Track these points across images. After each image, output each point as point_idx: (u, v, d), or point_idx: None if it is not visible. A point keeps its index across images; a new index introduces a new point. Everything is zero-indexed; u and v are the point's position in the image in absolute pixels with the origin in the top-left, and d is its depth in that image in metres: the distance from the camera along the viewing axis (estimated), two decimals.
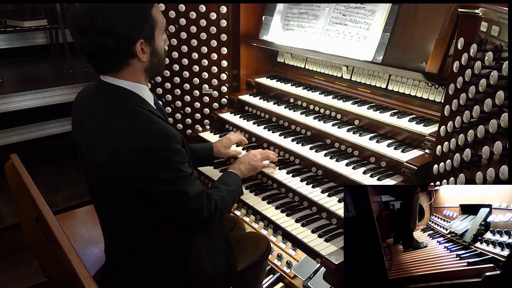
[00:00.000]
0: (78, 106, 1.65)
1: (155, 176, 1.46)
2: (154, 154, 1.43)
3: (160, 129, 1.46)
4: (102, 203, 1.70)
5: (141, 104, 1.52)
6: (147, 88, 1.61)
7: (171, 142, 1.47)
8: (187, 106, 2.86)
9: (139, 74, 1.55)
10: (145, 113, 1.49)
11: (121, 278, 1.74)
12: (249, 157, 2.03)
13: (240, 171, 1.96)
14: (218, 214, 1.68)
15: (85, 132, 1.58)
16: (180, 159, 1.51)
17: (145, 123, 1.47)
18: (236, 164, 2.01)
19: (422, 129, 1.91)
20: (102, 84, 1.55)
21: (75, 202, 3.44)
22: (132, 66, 1.52)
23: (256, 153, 2.06)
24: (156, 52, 1.56)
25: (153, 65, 1.57)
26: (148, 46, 1.51)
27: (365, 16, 2.21)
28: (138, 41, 1.46)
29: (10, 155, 2.03)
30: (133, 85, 1.54)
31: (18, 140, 3.95)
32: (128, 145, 1.43)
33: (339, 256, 1.58)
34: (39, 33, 4.81)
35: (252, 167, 2.01)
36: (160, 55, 1.59)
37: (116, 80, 1.52)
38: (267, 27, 2.72)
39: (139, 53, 1.48)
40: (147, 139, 1.43)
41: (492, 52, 1.29)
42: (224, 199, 1.73)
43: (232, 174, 1.93)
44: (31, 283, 2.50)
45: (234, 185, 1.86)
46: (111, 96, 1.53)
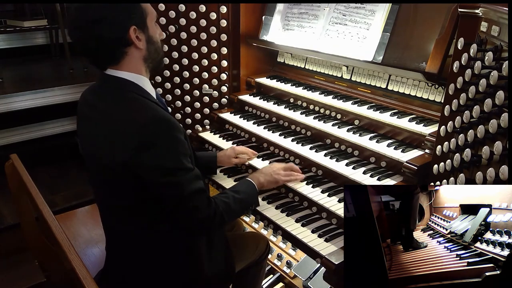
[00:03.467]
0: (83, 101, 1.68)
1: (155, 163, 1.46)
2: (155, 141, 1.44)
3: (161, 116, 1.48)
4: (103, 198, 1.70)
5: (143, 94, 1.55)
6: (148, 80, 1.63)
7: (172, 130, 1.48)
8: (187, 106, 2.86)
9: (139, 63, 1.58)
10: (147, 102, 1.52)
11: (121, 277, 1.74)
12: (272, 169, 1.93)
13: (258, 181, 1.85)
14: (218, 219, 1.61)
15: (89, 124, 1.61)
16: (181, 149, 1.51)
17: (147, 110, 1.49)
18: (256, 173, 1.92)
19: (422, 129, 1.91)
20: (104, 78, 1.58)
21: (75, 202, 3.45)
22: (131, 55, 1.55)
23: (280, 167, 1.96)
24: (152, 39, 1.59)
25: (151, 53, 1.60)
26: (143, 33, 1.55)
27: (365, 16, 2.21)
28: (131, 27, 1.50)
29: (10, 155, 2.03)
30: (134, 76, 1.57)
31: (18, 140, 3.96)
32: (129, 132, 1.45)
33: (339, 256, 1.57)
34: (39, 33, 4.81)
35: (274, 179, 1.90)
36: (156, 43, 1.63)
37: (118, 71, 1.56)
38: (267, 27, 2.72)
39: (134, 40, 1.52)
40: (149, 125, 1.44)
41: (492, 52, 1.28)
42: (228, 206, 1.66)
43: (247, 182, 1.84)
44: (31, 283, 2.51)
45: (245, 194, 1.77)
46: (113, 87, 1.56)
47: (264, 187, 1.89)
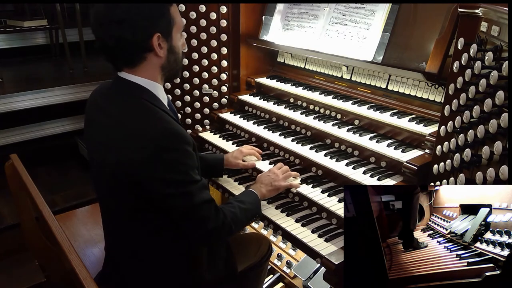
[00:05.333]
0: (92, 103, 1.65)
1: (163, 176, 1.44)
2: (164, 154, 1.42)
3: (171, 128, 1.45)
4: (106, 201, 1.69)
5: (154, 102, 1.52)
6: (162, 88, 1.60)
7: (183, 144, 1.46)
8: (187, 106, 2.86)
9: (156, 71, 1.56)
10: (158, 111, 1.49)
11: (120, 280, 1.74)
12: (271, 178, 1.94)
13: (260, 192, 1.88)
14: (227, 229, 1.62)
15: (97, 128, 1.58)
16: (190, 162, 1.49)
17: (157, 121, 1.46)
18: (257, 184, 1.94)
19: (422, 129, 1.91)
20: (118, 80, 1.56)
21: (75, 202, 3.45)
22: (149, 61, 1.52)
23: (277, 172, 1.97)
24: (174, 50, 1.57)
25: (170, 63, 1.57)
26: (166, 42, 1.52)
27: (365, 16, 2.21)
28: (155, 34, 1.47)
29: (10, 155, 2.03)
30: (148, 83, 1.54)
31: (18, 140, 3.96)
32: (138, 143, 1.42)
33: (339, 256, 1.57)
34: (39, 33, 4.81)
35: (274, 187, 1.93)
36: (177, 54, 1.60)
37: (132, 76, 1.53)
38: (267, 27, 2.72)
39: (156, 47, 1.49)
40: (158, 137, 1.42)
41: (492, 52, 1.29)
42: (235, 216, 1.67)
43: (251, 193, 1.87)
44: (31, 283, 2.50)
45: (250, 204, 1.79)
46: (125, 92, 1.53)
47: (266, 197, 1.93)
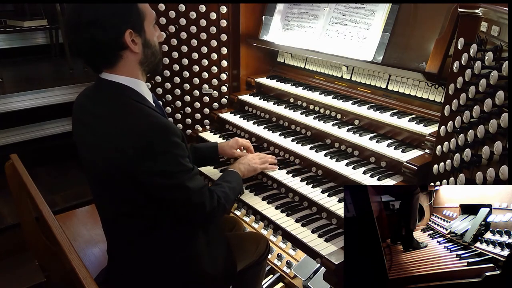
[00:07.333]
0: (78, 105, 1.66)
1: (156, 169, 1.46)
2: (154, 148, 1.44)
3: (158, 122, 1.47)
4: (103, 202, 1.70)
5: (139, 99, 1.53)
6: (145, 84, 1.61)
7: (171, 135, 1.47)
8: (187, 106, 2.86)
9: (135, 67, 1.55)
10: (144, 108, 1.51)
11: (122, 278, 1.74)
12: (248, 159, 2.08)
13: (240, 170, 2.00)
14: (221, 209, 1.71)
15: (85, 130, 1.59)
16: (180, 152, 1.51)
17: (144, 117, 1.47)
18: (236, 164, 2.05)
19: (422, 129, 1.91)
20: (100, 82, 1.56)
21: (75, 202, 3.44)
22: (126, 59, 1.52)
23: (255, 156, 2.13)
24: (148, 43, 1.56)
25: (148, 57, 1.57)
26: (139, 37, 1.52)
27: (365, 16, 2.21)
28: (127, 31, 1.46)
29: (10, 155, 2.03)
30: (130, 81, 1.54)
31: (18, 140, 3.95)
32: (128, 140, 1.43)
33: (339, 256, 1.57)
34: (39, 33, 4.80)
35: (252, 168, 2.05)
36: (153, 47, 1.59)
37: (113, 76, 1.53)
38: (267, 27, 2.72)
39: (130, 44, 1.48)
40: (146, 132, 1.43)
41: (492, 52, 1.29)
42: (227, 195, 1.76)
43: (233, 172, 1.97)
44: (31, 283, 2.50)
45: (235, 182, 1.90)
46: (109, 92, 1.54)
47: (245, 176, 2.03)
